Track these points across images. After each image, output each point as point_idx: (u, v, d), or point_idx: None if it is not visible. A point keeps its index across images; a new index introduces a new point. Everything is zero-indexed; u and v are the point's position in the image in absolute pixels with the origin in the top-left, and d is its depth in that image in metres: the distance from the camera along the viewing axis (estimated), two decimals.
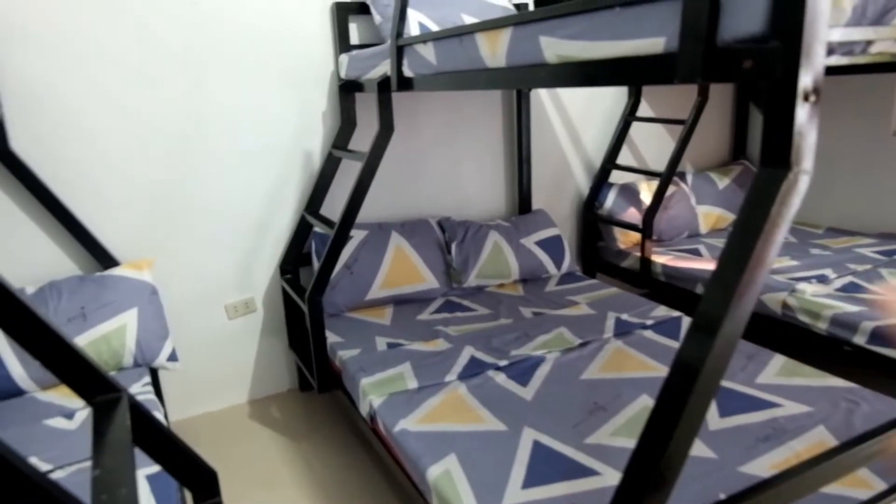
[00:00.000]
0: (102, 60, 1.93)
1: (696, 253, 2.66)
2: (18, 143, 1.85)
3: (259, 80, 2.16)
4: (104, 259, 2.01)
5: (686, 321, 2.02)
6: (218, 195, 2.18)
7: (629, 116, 2.78)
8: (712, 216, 2.96)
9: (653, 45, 0.96)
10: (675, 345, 1.85)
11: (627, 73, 1.04)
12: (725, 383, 1.59)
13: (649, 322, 2.01)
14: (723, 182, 3.05)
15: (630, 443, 1.36)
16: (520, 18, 1.23)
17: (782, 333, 2.13)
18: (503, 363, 1.77)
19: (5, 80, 1.81)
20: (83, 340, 1.78)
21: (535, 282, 2.49)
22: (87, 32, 1.89)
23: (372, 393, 1.66)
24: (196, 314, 2.23)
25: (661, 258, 2.61)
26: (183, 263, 2.17)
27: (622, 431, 1.43)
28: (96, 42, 1.91)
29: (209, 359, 2.29)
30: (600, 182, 2.83)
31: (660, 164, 2.96)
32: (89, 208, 1.99)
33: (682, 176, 2.99)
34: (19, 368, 1.71)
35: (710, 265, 2.46)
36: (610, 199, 2.81)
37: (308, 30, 2.19)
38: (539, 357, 1.80)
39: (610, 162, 2.81)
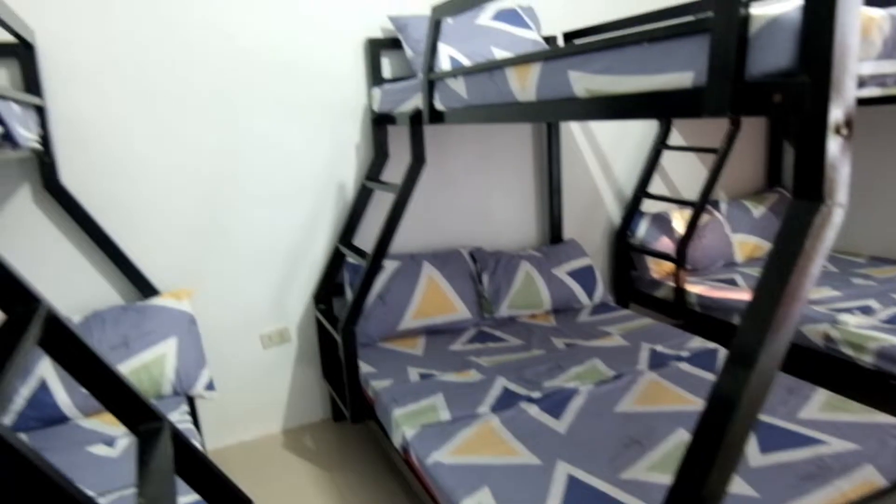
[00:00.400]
0: (147, 98, 2.02)
1: (731, 283, 2.62)
2: (68, 178, 1.94)
3: (294, 114, 2.22)
4: (145, 289, 2.07)
5: (723, 353, 1.98)
6: (254, 226, 2.23)
7: (660, 145, 2.78)
8: (748, 245, 2.91)
9: (681, 79, 0.97)
10: (712, 377, 1.81)
11: (656, 106, 1.05)
12: (765, 418, 1.55)
13: (685, 354, 1.98)
14: (758, 210, 3.00)
15: (667, 479, 1.33)
16: (549, 53, 1.26)
17: (825, 366, 2.06)
18: (536, 395, 1.76)
19: (59, 119, 1.90)
20: (125, 369, 1.83)
21: (568, 312, 2.47)
22: (133, 73, 1.98)
23: (404, 424, 1.66)
24: (232, 343, 2.27)
25: (695, 288, 2.57)
26: (220, 293, 2.22)
27: (659, 467, 1.40)
28: (142, 82, 2.00)
29: (244, 388, 2.32)
30: (632, 211, 2.81)
31: (692, 192, 2.94)
32: (132, 239, 2.06)
33: (716, 204, 2.95)
34: (64, 395, 1.76)
35: (746, 296, 2.42)
36: (642, 229, 2.80)
37: (341, 65, 2.26)
38: (572, 389, 1.78)
39: (641, 191, 2.80)
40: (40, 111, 1.81)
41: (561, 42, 2.51)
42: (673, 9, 2.03)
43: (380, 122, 2.23)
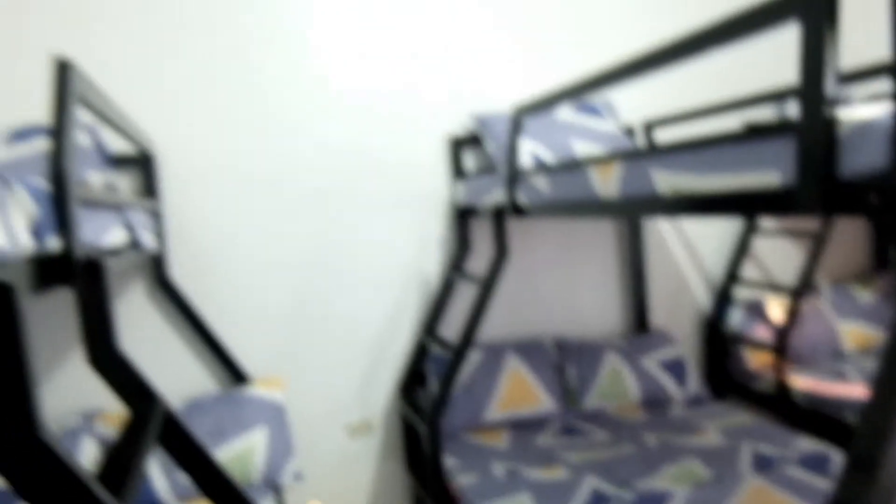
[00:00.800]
0: (248, 198, 2.19)
1: (841, 376, 2.43)
2: (175, 273, 2.11)
3: (381, 207, 2.34)
4: (239, 376, 2.17)
5: (836, 456, 1.82)
6: (342, 317, 2.32)
7: (751, 229, 2.69)
8: (857, 334, 2.71)
9: (769, 178, 0.97)
10: (826, 484, 1.66)
11: (744, 204, 1.04)
12: None
13: (793, 456, 1.83)
14: (866, 295, 2.81)
15: None
16: (631, 153, 1.29)
17: None
18: (628, 496, 1.67)
19: (171, 217, 2.10)
20: (219, 456, 1.90)
21: (658, 405, 2.37)
22: (236, 177, 2.17)
23: None
24: (317, 432, 2.32)
25: (800, 381, 2.40)
26: (308, 381, 2.30)
27: None
28: (244, 184, 2.18)
29: (328, 477, 2.34)
30: (723, 298, 2.71)
31: (789, 277, 2.80)
32: (228, 328, 2.18)
33: (817, 290, 2.79)
34: (163, 481, 1.84)
35: (860, 391, 2.23)
36: (736, 317, 2.67)
37: (426, 160, 2.38)
38: (668, 492, 1.68)
39: (732, 276, 2.70)
40: (156, 214, 2.01)
41: (640, 132, 2.54)
42: (754, 98, 2.03)
43: (463, 215, 2.31)
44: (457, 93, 2.41)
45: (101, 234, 1.12)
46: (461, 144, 2.38)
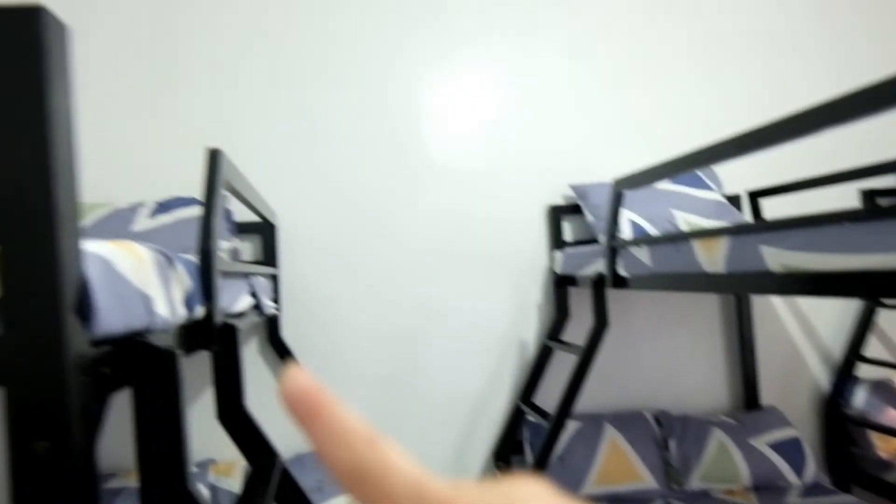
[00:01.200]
0: (357, 265, 2.32)
1: None
2: (286, 332, 2.24)
3: (480, 271, 2.40)
4: None
5: None
6: (438, 381, 2.36)
7: (874, 302, 2.51)
8: None
9: (889, 260, 0.93)
10: None
11: (864, 287, 0.99)
12: None
13: None
14: None
15: None
16: (738, 229, 1.27)
17: None
18: None
19: (285, 281, 2.25)
20: None
21: (771, 491, 2.20)
22: (347, 245, 2.31)
23: None
24: None
25: None
26: (404, 444, 2.30)
27: None
28: (354, 252, 2.32)
29: None
30: (844, 376, 2.51)
31: None
32: (330, 388, 2.27)
33: None
34: None
35: None
36: (860, 398, 2.47)
37: (526, 229, 2.43)
38: None
39: (854, 353, 2.50)
40: (274, 278, 2.17)
41: (746, 201, 2.47)
42: (874, 167, 1.94)
43: (561, 284, 2.32)
44: (556, 162, 2.47)
45: (234, 301, 1.24)
46: (560, 213, 2.42)
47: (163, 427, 0.64)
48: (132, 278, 0.64)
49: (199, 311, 0.96)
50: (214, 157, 1.04)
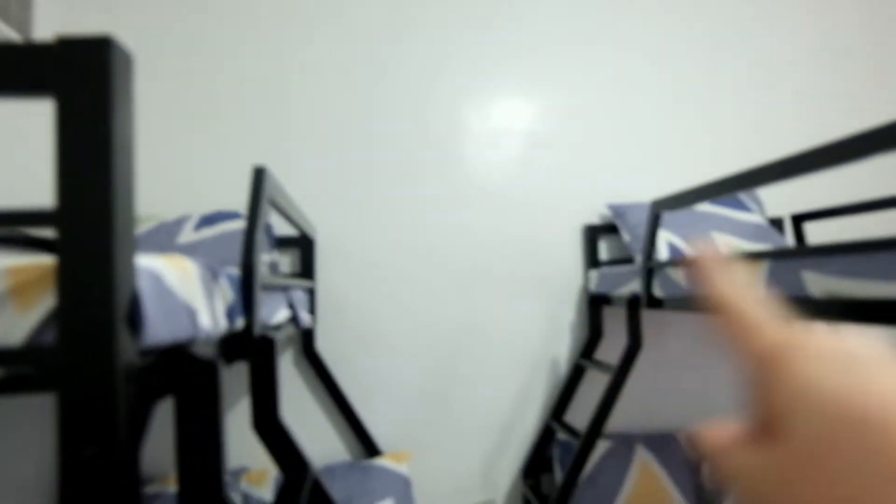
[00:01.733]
0: (395, 282, 2.34)
1: None
2: (321, 345, 2.27)
3: (516, 293, 2.40)
4: (370, 448, 2.25)
5: None
6: (471, 397, 2.36)
7: None
8: None
9: None
10: None
11: None
12: None
13: None
14: None
15: None
16: (778, 253, 1.25)
17: None
18: None
19: (322, 294, 2.29)
20: None
21: None
22: (387, 261, 2.34)
23: None
24: None
25: None
26: (434, 459, 2.33)
27: None
28: (393, 268, 2.34)
29: None
30: None
31: None
32: (364, 401, 2.29)
33: None
34: None
35: None
36: None
37: (562, 249, 2.43)
38: None
39: None
40: (311, 291, 2.20)
41: (789, 224, 2.42)
42: None
43: (595, 303, 2.30)
44: (594, 181, 2.46)
45: (273, 313, 1.27)
46: (596, 232, 2.41)
47: (202, 435, 0.66)
48: (179, 291, 0.66)
49: (240, 323, 0.98)
50: (260, 175, 1.07)
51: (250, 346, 1.00)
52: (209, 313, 0.78)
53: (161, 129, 2.26)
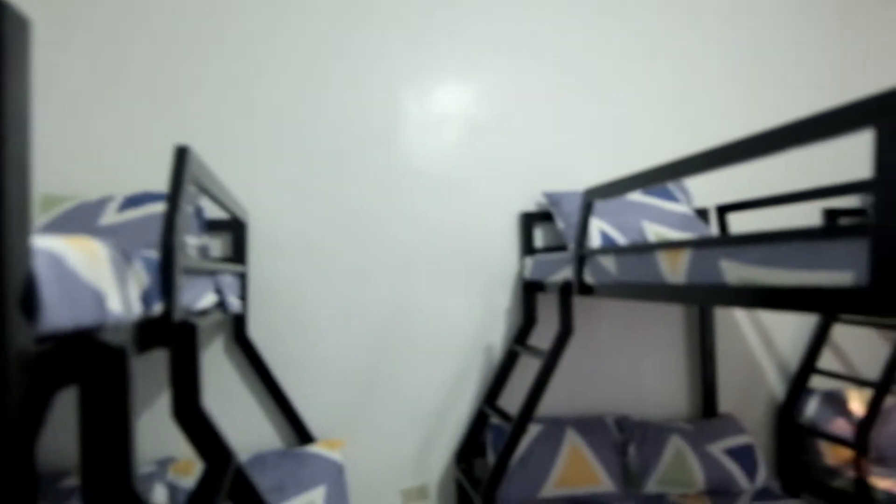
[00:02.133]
0: (331, 268, 2.30)
1: None
2: (253, 331, 2.22)
3: (451, 275, 2.41)
4: (303, 435, 2.22)
5: None
6: (405, 382, 2.36)
7: (830, 317, 2.58)
8: None
9: (840, 278, 0.96)
10: None
11: (814, 302, 1.02)
12: None
13: None
14: None
15: None
16: (700, 242, 1.30)
17: None
18: None
19: (254, 279, 2.23)
20: None
21: (724, 496, 2.25)
22: (321, 247, 2.30)
23: None
24: (374, 495, 2.32)
25: (883, 482, 2.24)
26: (368, 445, 2.33)
27: None
28: (329, 254, 2.30)
29: None
30: (799, 388, 2.58)
31: (873, 369, 2.65)
32: (297, 388, 2.26)
33: None
34: None
35: None
36: (812, 408, 2.54)
37: (497, 236, 2.45)
38: None
39: (809, 366, 2.57)
40: (242, 276, 2.14)
41: (713, 215, 2.52)
42: (837, 187, 2.00)
43: (530, 290, 2.34)
44: (531, 169, 2.49)
45: (197, 298, 1.22)
46: (532, 220, 2.44)
47: (109, 426, 0.63)
48: (84, 274, 0.63)
49: (158, 308, 0.94)
50: (182, 154, 1.02)
51: (169, 332, 0.96)
52: (120, 298, 0.74)
53: (86, 107, 2.14)
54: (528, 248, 2.42)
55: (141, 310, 0.85)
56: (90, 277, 0.64)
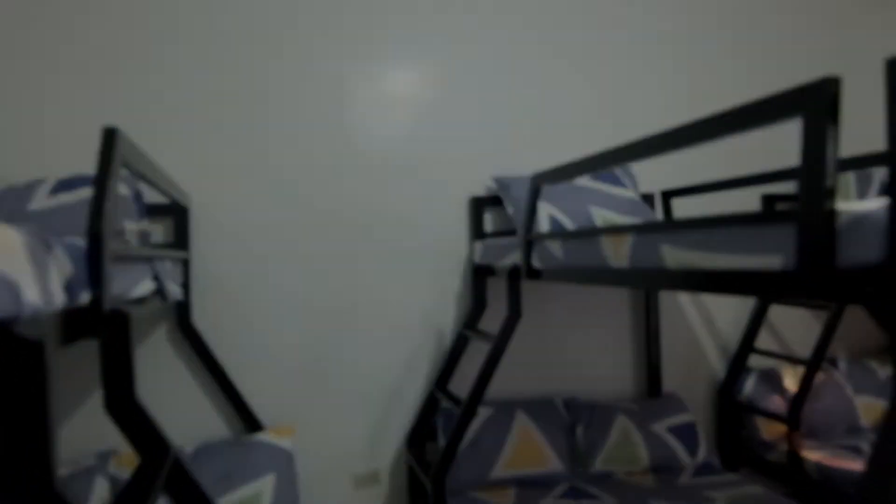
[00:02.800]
0: (275, 253, 2.26)
1: (856, 451, 2.38)
2: (198, 319, 2.16)
3: (401, 260, 2.40)
4: (251, 423, 2.19)
5: None
6: (355, 368, 2.35)
7: (766, 298, 2.69)
8: (875, 409, 2.66)
9: (769, 262, 1.00)
10: None
11: (747, 285, 1.06)
12: None
13: None
14: (885, 370, 2.76)
15: None
16: (642, 227, 1.32)
17: None
18: None
19: (197, 265, 2.17)
20: (225, 502, 1.91)
21: (668, 471, 2.33)
22: (264, 232, 2.25)
23: None
24: (324, 481, 2.32)
25: (814, 454, 2.36)
26: (317, 431, 2.31)
27: None
28: (272, 238, 2.26)
29: None
30: (737, 366, 2.68)
31: (805, 348, 2.77)
32: (244, 376, 2.22)
33: (834, 362, 2.76)
34: None
35: None
36: (749, 386, 2.65)
37: (447, 220, 2.44)
38: None
39: (747, 345, 2.68)
40: (184, 262, 2.08)
41: (659, 200, 2.58)
42: (772, 174, 2.06)
43: (479, 274, 2.35)
44: (481, 154, 2.49)
45: (132, 286, 1.18)
46: (482, 204, 2.44)
47: (26, 423, 0.60)
48: None
49: (85, 298, 0.90)
50: (110, 136, 0.98)
51: (99, 322, 0.92)
52: (39, 287, 0.71)
53: (14, 86, 2.02)
54: (478, 232, 2.43)
55: (64, 299, 0.81)
56: (1, 266, 0.60)
